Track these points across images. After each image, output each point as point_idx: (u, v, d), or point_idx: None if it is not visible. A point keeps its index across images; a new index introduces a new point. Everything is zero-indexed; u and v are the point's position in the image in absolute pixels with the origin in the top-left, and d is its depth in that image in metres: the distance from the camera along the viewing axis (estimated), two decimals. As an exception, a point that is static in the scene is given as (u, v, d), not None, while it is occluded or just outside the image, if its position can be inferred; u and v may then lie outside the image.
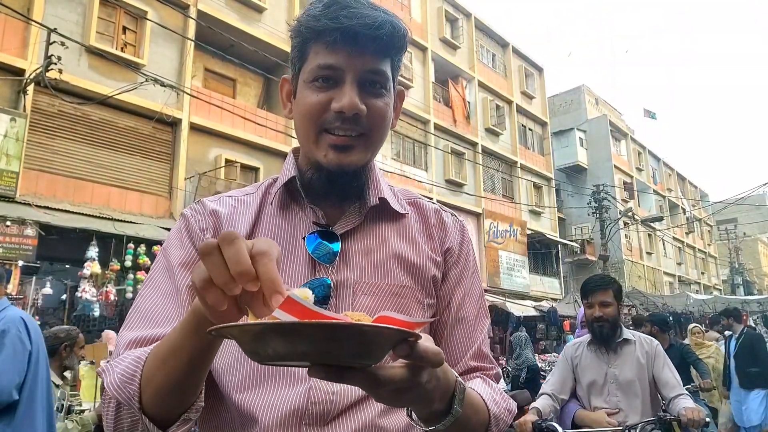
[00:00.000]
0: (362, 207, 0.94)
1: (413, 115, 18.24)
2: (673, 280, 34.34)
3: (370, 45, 0.84)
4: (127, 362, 0.76)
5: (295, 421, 0.79)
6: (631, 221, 25.34)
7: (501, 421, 0.85)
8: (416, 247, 0.95)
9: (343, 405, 0.81)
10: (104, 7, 11.36)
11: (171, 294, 0.86)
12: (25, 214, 8.93)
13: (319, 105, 0.86)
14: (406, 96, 18.26)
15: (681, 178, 40.53)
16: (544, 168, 24.99)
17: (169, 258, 0.90)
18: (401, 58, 0.93)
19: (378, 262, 0.91)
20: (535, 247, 23.02)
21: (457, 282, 0.98)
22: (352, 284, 0.88)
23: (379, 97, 0.88)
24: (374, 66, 0.86)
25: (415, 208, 1.01)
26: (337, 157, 0.87)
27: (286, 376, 0.82)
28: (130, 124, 11.44)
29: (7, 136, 9.18)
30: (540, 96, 25.82)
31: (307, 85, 0.88)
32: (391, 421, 0.84)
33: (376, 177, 0.97)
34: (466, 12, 22.17)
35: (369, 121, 0.86)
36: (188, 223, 0.92)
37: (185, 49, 12.28)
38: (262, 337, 0.54)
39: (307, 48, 0.88)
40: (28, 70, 9.78)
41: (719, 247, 43.08)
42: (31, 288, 8.80)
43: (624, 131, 32.99)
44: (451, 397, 0.69)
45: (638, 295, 21.11)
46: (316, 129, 0.87)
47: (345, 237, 0.91)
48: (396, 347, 0.56)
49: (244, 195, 0.98)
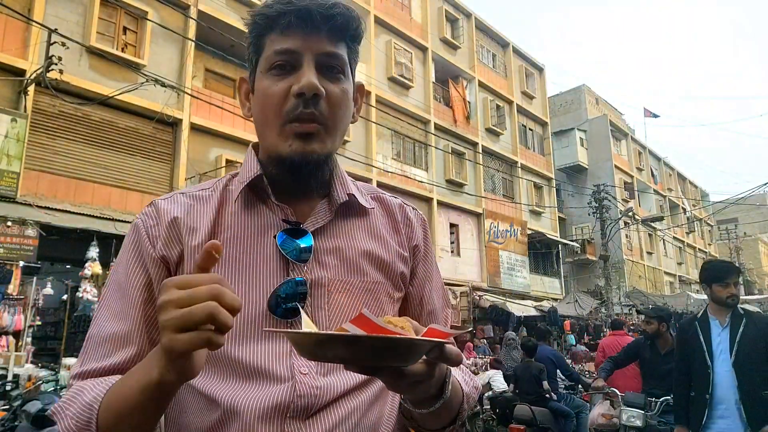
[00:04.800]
0: (331, 203, 0.93)
1: (413, 115, 18.24)
2: (673, 280, 34.34)
3: (324, 25, 0.84)
4: (79, 407, 0.74)
5: (278, 415, 0.79)
6: (632, 221, 25.34)
7: (471, 398, 0.90)
8: (384, 243, 0.96)
9: (326, 400, 0.81)
10: (105, 8, 11.36)
11: (121, 315, 0.84)
12: (25, 214, 8.94)
13: (280, 93, 0.85)
14: (407, 96, 18.14)
15: (681, 178, 40.52)
16: (545, 168, 24.98)
17: (119, 275, 0.87)
18: (357, 49, 0.92)
19: (349, 259, 0.90)
20: (535, 247, 23.02)
21: (424, 277, 1.01)
22: (327, 282, 0.87)
23: (337, 82, 0.87)
24: (330, 49, 0.86)
25: (380, 203, 1.01)
26: (301, 146, 0.85)
27: (270, 377, 0.81)
28: (130, 124, 11.45)
29: (7, 136, 9.19)
30: (540, 96, 25.81)
31: (265, 75, 0.87)
32: (371, 413, 0.86)
33: (341, 172, 0.96)
34: (467, 12, 22.17)
35: (327, 106, 0.85)
36: (138, 234, 0.88)
37: (186, 49, 12.29)
38: (325, 345, 0.61)
39: (262, 39, 0.88)
40: (28, 71, 9.79)
41: (720, 247, 43.03)
42: (31, 288, 8.80)
43: (624, 131, 32.97)
44: (443, 384, 0.76)
45: (639, 295, 21.09)
46: (280, 120, 0.85)
47: (315, 234, 0.89)
48: (430, 351, 0.65)
49: (199, 191, 0.94)
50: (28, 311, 8.62)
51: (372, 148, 16.43)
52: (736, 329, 3.19)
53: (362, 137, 16.38)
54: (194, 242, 0.86)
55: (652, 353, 4.85)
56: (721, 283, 3.26)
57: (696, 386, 3.29)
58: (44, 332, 11.20)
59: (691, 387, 3.32)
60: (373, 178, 15.88)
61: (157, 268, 0.86)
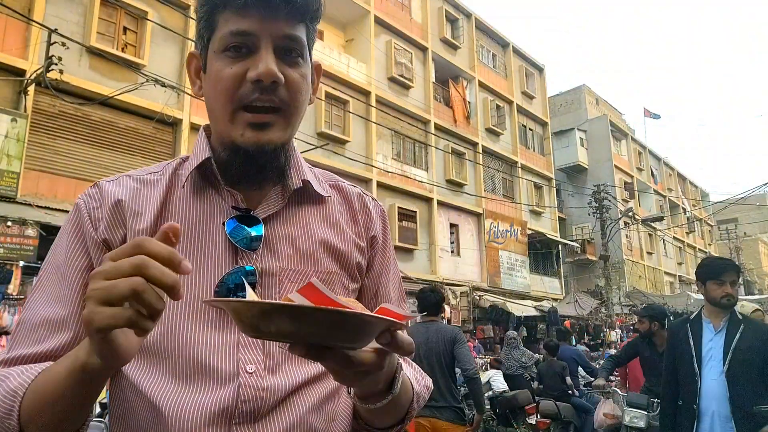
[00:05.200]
0: (284, 190, 0.89)
1: (414, 115, 18.25)
2: (673, 280, 34.34)
3: (283, 7, 0.79)
4: (2, 394, 0.70)
5: (224, 420, 0.75)
6: (632, 221, 25.34)
7: (421, 397, 0.89)
8: (340, 232, 0.92)
9: (273, 402, 0.78)
10: (105, 8, 11.36)
11: (58, 299, 0.80)
12: (25, 214, 8.94)
13: (234, 77, 0.80)
14: (407, 96, 18.13)
15: (681, 178, 40.52)
16: (545, 168, 24.99)
17: (57, 257, 0.83)
18: (316, 28, 0.88)
19: (303, 248, 0.87)
20: (535, 247, 23.02)
21: (381, 269, 0.98)
22: (279, 272, 0.84)
23: (296, 66, 0.83)
24: (289, 31, 0.81)
25: (337, 191, 0.98)
26: (255, 136, 0.81)
27: (213, 375, 0.77)
28: (130, 124, 11.45)
29: (8, 136, 9.19)
30: (540, 96, 25.82)
31: (218, 56, 0.81)
32: (319, 416, 0.83)
33: (298, 158, 0.92)
34: (467, 12, 22.17)
35: (287, 92, 0.82)
36: (80, 214, 0.84)
37: (186, 49, 12.28)
38: (270, 315, 0.55)
39: (215, 16, 0.82)
40: (29, 71, 9.79)
41: (720, 247, 43.02)
42: (31, 288, 8.80)
43: (624, 131, 32.98)
44: (393, 379, 0.74)
45: (639, 295, 21.07)
46: (232, 106, 0.81)
47: (267, 222, 0.86)
48: (380, 335, 0.60)
49: (147, 174, 0.89)
50: (28, 311, 8.63)
51: (372, 148, 16.43)
52: (732, 336, 2.90)
53: (362, 137, 16.39)
54: (139, 227, 0.83)
55: (651, 351, 4.84)
56: (716, 281, 3.00)
57: (683, 395, 3.02)
58: (44, 332, 11.22)
59: (678, 395, 3.06)
60: (373, 178, 15.89)
61: (98, 251, 0.82)
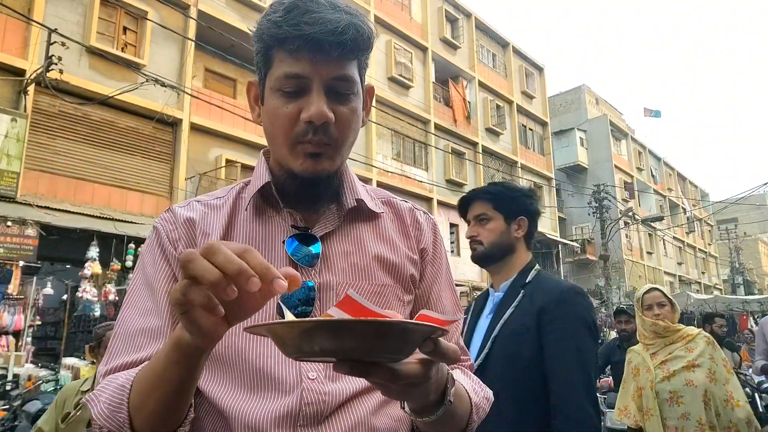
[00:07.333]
0: (340, 209, 0.95)
1: (413, 115, 18.25)
2: (673, 280, 34.32)
3: (334, 51, 0.82)
4: (111, 390, 0.74)
5: (289, 423, 0.80)
6: (632, 221, 25.35)
7: (481, 409, 0.89)
8: (394, 246, 0.97)
9: (335, 404, 0.82)
10: (105, 8, 11.36)
11: (151, 311, 0.85)
12: (25, 214, 8.94)
13: (290, 117, 0.85)
14: (407, 96, 18.18)
15: (681, 178, 40.51)
16: (545, 168, 24.99)
17: (146, 274, 0.89)
18: (368, 57, 0.91)
19: (358, 263, 0.92)
20: (535, 247, 22.92)
21: (433, 279, 1.01)
22: (335, 286, 0.88)
23: (347, 103, 0.86)
24: (340, 72, 0.84)
25: (390, 207, 1.03)
26: (312, 165, 0.86)
27: (278, 385, 0.82)
28: (130, 124, 11.45)
29: (7, 136, 9.19)
30: (540, 96, 25.81)
31: (274, 93, 0.86)
32: (381, 419, 0.86)
33: (351, 178, 0.98)
34: (467, 12, 22.17)
35: (337, 129, 0.86)
36: (159, 236, 0.90)
37: (186, 49, 12.29)
38: (311, 334, 0.54)
39: (270, 54, 0.86)
40: (28, 71, 9.79)
41: (720, 247, 43.04)
42: (31, 288, 8.80)
43: (624, 131, 32.97)
44: (444, 390, 0.72)
45: (639, 294, 21.07)
46: (290, 141, 0.86)
47: (324, 239, 0.91)
48: (423, 344, 0.59)
49: (214, 199, 0.96)
50: (28, 311, 8.63)
51: (372, 148, 16.44)
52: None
53: (362, 137, 16.38)
54: None
55: (622, 356, 4.66)
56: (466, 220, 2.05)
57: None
58: (44, 332, 11.22)
59: None
60: (373, 178, 15.89)
61: (178, 268, 0.86)
